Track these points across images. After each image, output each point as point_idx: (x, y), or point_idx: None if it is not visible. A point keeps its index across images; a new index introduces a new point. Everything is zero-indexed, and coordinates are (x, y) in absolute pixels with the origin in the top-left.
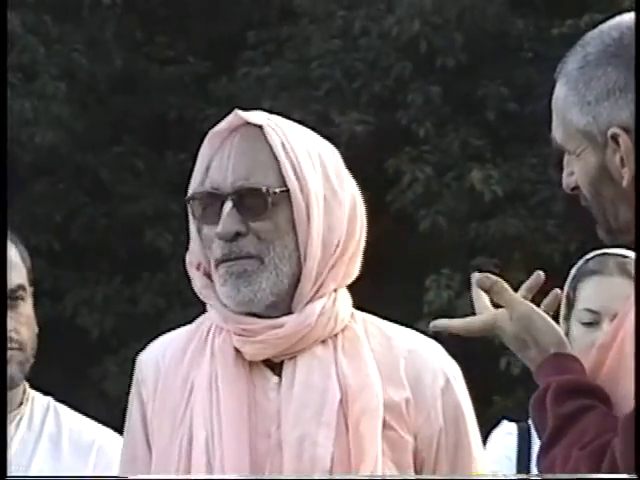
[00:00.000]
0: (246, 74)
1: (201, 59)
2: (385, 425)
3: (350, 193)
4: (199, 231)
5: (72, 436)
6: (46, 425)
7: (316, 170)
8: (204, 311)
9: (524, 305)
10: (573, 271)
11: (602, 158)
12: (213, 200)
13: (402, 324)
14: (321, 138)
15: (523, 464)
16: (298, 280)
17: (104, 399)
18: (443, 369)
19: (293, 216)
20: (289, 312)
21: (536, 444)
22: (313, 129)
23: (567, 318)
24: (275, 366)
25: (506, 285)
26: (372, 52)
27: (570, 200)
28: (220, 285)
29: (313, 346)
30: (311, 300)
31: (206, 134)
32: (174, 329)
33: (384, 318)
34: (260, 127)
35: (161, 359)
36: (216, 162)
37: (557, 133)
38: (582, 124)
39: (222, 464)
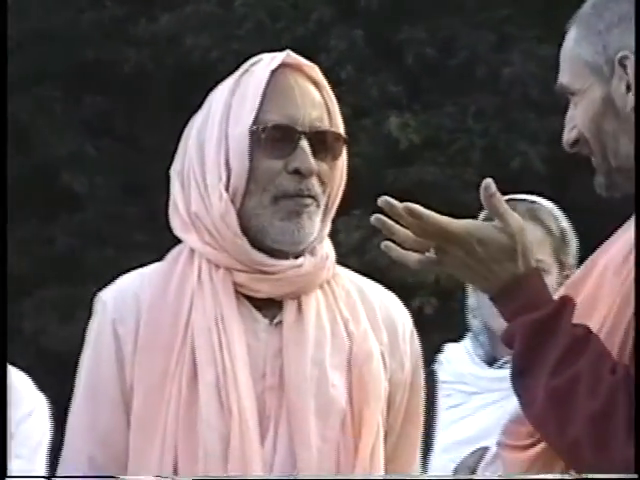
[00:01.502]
0: (165, 10)
1: (118, 3)
2: None
3: None
4: (253, 162)
5: None
6: None
7: None
8: (120, 252)
9: (517, 217)
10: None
11: (607, 90)
12: (286, 134)
13: None
14: None
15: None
16: (320, 225)
17: (20, 337)
18: (408, 319)
19: (336, 164)
20: (300, 254)
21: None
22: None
23: None
24: (263, 308)
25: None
26: None
27: (487, 149)
28: (277, 220)
29: (315, 289)
30: (319, 242)
31: (125, 76)
32: (91, 270)
33: None
34: (307, 70)
35: (139, 293)
36: (280, 98)
37: (564, 77)
38: (590, 55)
39: (239, 403)
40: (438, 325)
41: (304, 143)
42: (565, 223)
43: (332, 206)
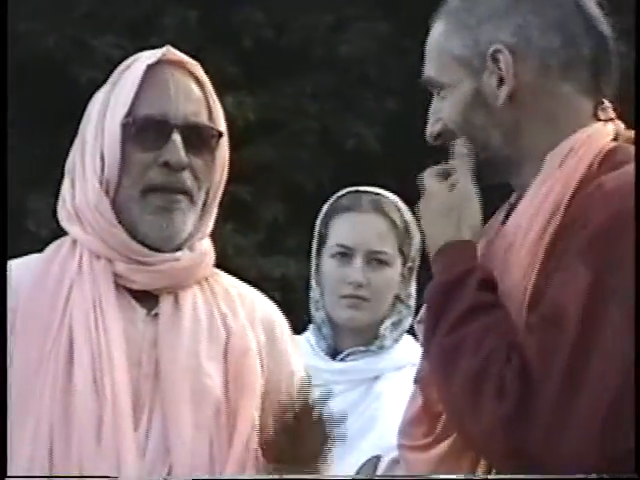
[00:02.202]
0: None
1: None
2: None
3: None
4: (125, 155)
5: None
6: None
7: None
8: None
9: (470, 187)
10: (325, 208)
11: (478, 83)
12: (158, 128)
13: None
14: None
15: None
16: (198, 221)
17: None
18: (286, 323)
19: (215, 159)
20: (177, 248)
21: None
22: (70, 53)
23: (319, 253)
24: (142, 299)
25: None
26: None
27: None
28: (147, 213)
29: (192, 285)
30: (199, 239)
31: None
32: None
33: None
34: (187, 66)
35: (19, 281)
36: (154, 92)
37: (431, 70)
38: (460, 50)
39: (113, 386)
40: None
41: (176, 136)
42: (408, 216)
43: (212, 203)
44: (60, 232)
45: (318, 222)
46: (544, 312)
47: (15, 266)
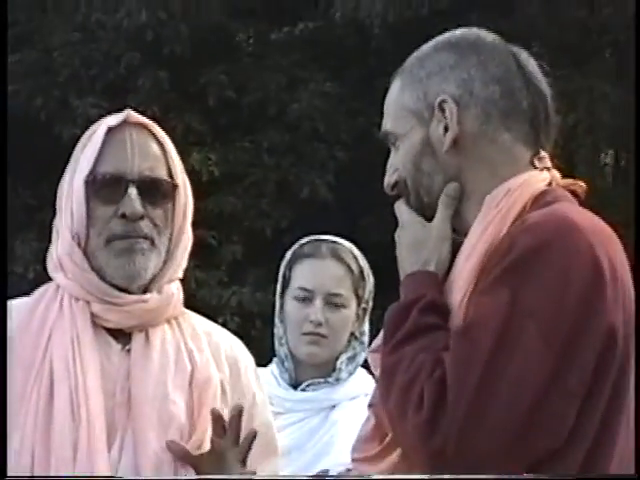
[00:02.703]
0: None
1: None
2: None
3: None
4: (89, 209)
5: None
6: None
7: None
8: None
9: (445, 228)
10: (288, 254)
11: (426, 132)
12: (116, 184)
13: None
14: None
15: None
16: (164, 264)
17: None
18: (250, 359)
19: (175, 209)
20: (146, 291)
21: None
22: (55, 112)
23: (282, 295)
24: (118, 336)
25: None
26: (106, 43)
27: (279, 181)
28: (112, 258)
29: (162, 324)
30: (167, 282)
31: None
32: None
33: None
34: (148, 127)
35: (10, 321)
36: (114, 150)
37: (388, 124)
38: (412, 102)
39: (88, 415)
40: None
41: (132, 190)
42: (363, 262)
43: (176, 247)
44: (44, 274)
45: (282, 266)
46: (463, 329)
47: (9, 307)
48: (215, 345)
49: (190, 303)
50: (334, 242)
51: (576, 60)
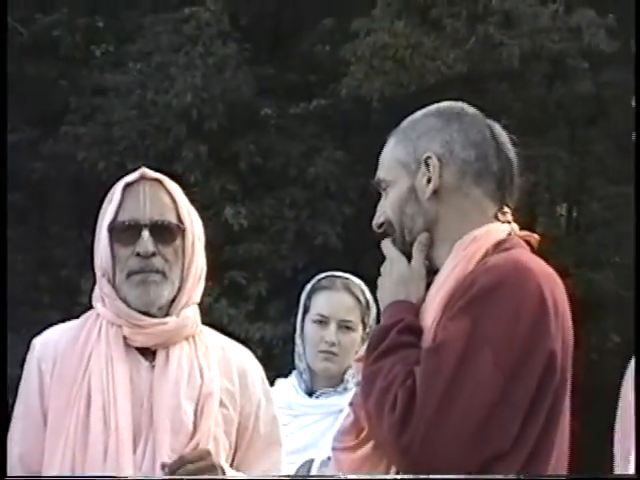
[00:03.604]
0: (66, 132)
1: (32, 126)
2: (221, 404)
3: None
4: (113, 250)
5: None
6: None
7: (195, 213)
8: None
9: (420, 268)
10: (308, 286)
11: (412, 181)
12: (132, 228)
13: None
14: None
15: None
16: (178, 292)
17: None
18: (259, 368)
19: (184, 246)
20: (167, 314)
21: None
22: (114, 174)
23: (302, 319)
24: (146, 354)
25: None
26: (158, 118)
27: (298, 231)
28: (132, 289)
29: (181, 341)
30: (184, 307)
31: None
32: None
33: None
34: (161, 181)
35: (58, 341)
36: (131, 202)
37: (381, 172)
38: (403, 156)
39: (117, 420)
40: (265, 365)
41: (145, 233)
42: (368, 295)
43: (187, 277)
44: None
45: (303, 296)
46: (432, 348)
47: (57, 329)
48: (227, 359)
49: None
50: (346, 278)
51: (537, 130)
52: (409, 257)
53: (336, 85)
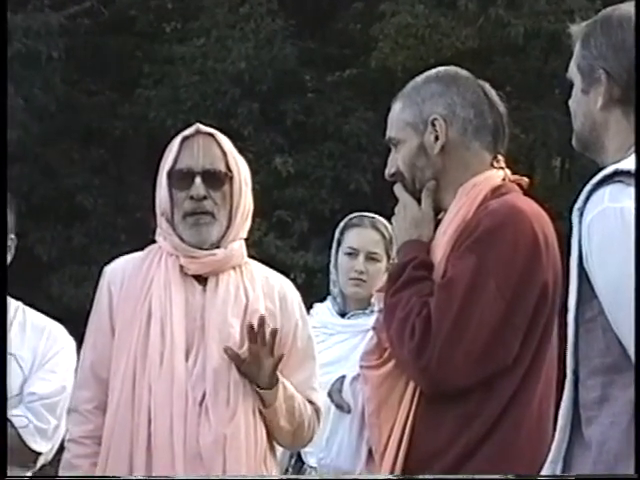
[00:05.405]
0: (140, 95)
1: (112, 90)
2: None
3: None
4: (172, 194)
5: (33, 322)
6: (16, 317)
7: (243, 162)
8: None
9: (429, 211)
10: (342, 224)
11: (421, 139)
12: (187, 175)
13: None
14: None
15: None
16: (226, 229)
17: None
18: (296, 295)
19: (232, 191)
20: (217, 247)
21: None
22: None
23: (336, 252)
24: (200, 280)
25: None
26: (216, 82)
27: (334, 178)
28: (187, 229)
29: (229, 270)
30: (231, 242)
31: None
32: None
33: None
34: (213, 135)
35: (125, 268)
36: (187, 152)
37: (392, 132)
38: (411, 118)
39: (172, 332)
40: (306, 292)
41: (197, 179)
42: (390, 230)
43: (235, 217)
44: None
45: (337, 232)
46: (444, 282)
47: (124, 258)
48: (270, 285)
49: (272, 263)
50: (373, 217)
51: (535, 96)
52: (418, 200)
53: (366, 58)
